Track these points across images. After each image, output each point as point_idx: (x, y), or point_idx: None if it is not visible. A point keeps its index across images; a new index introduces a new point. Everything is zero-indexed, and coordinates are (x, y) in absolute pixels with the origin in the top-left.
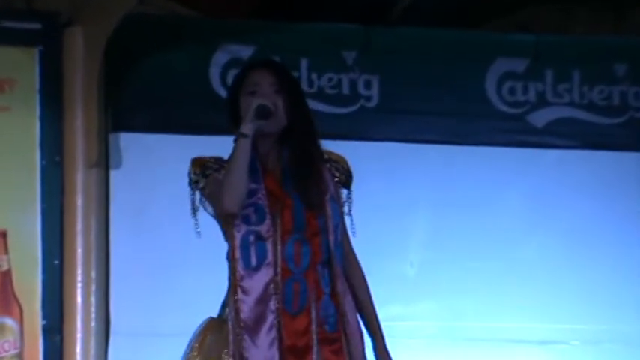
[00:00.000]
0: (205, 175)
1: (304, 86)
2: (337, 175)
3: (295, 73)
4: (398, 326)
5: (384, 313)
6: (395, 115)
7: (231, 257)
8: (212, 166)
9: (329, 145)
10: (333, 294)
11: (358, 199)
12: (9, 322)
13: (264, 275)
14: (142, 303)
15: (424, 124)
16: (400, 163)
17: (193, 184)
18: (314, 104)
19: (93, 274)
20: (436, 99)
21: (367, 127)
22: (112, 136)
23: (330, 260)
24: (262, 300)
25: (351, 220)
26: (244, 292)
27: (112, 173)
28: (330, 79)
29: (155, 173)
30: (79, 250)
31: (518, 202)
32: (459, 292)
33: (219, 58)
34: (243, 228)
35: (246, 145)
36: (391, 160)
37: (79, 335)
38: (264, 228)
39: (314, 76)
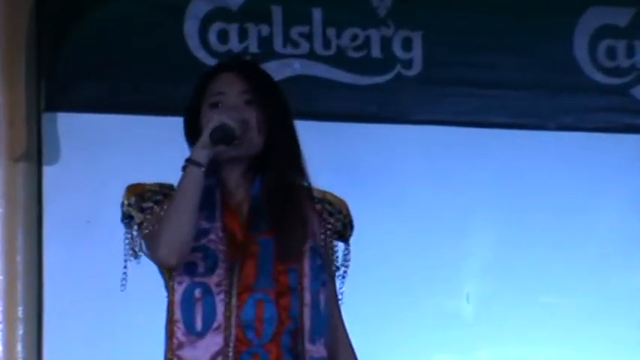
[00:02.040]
0: (142, 209)
1: (318, 47)
2: (330, 220)
3: (305, 29)
4: None
5: None
6: (443, 87)
7: (169, 318)
8: (153, 196)
9: (352, 130)
10: None
11: (394, 207)
12: None
13: (210, 344)
14: (87, 348)
15: (484, 100)
16: (450, 154)
17: (126, 218)
18: (330, 72)
19: (19, 311)
20: (502, 66)
21: (405, 104)
22: (45, 118)
23: (299, 330)
24: None
25: (342, 282)
26: None
27: (46, 169)
28: (355, 37)
29: (105, 167)
30: (1, 278)
31: (620, 210)
32: (531, 337)
33: (198, 7)
34: (187, 279)
35: (196, 176)
36: (438, 150)
37: None
38: (214, 280)
39: (331, 32)
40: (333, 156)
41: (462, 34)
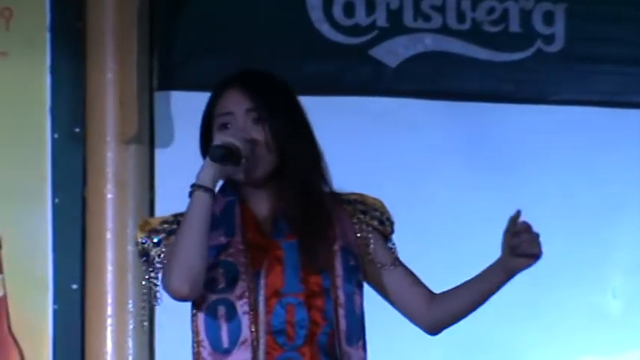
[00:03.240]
0: (157, 244)
1: (451, 21)
2: (364, 219)
3: (437, 2)
4: None
5: None
6: (587, 64)
7: (193, 339)
8: (167, 227)
9: (487, 111)
10: None
11: (532, 195)
12: None
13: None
14: None
15: (632, 79)
16: (594, 138)
17: (143, 256)
18: (464, 48)
19: (130, 304)
20: None
21: (545, 82)
22: (157, 97)
23: (335, 332)
24: None
25: None
26: None
27: (159, 151)
28: (491, 11)
29: None
30: (110, 269)
31: None
32: None
33: None
34: (209, 297)
35: (202, 200)
36: (580, 134)
37: None
38: (237, 293)
39: (465, 5)
40: (466, 138)
41: (608, 7)
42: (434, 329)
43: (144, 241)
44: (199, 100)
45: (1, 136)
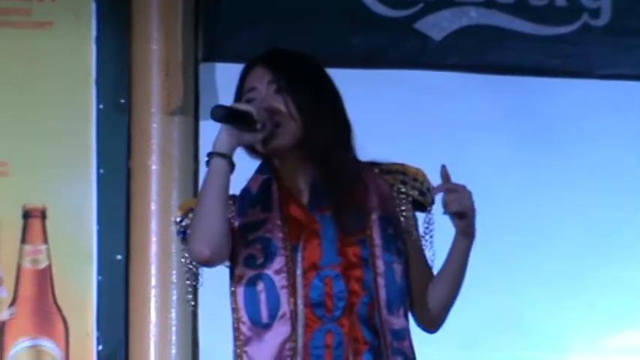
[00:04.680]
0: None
1: None
2: (403, 189)
3: None
4: None
5: None
6: (634, 38)
7: (234, 316)
8: None
9: (533, 86)
10: (379, 349)
11: (578, 170)
12: (47, 346)
13: (277, 333)
14: None
15: None
16: None
17: (179, 234)
18: (510, 22)
19: (173, 276)
20: None
21: (591, 56)
22: (203, 69)
23: (375, 302)
24: None
25: (430, 251)
26: None
27: (203, 123)
28: None
29: None
30: (154, 240)
31: None
32: None
33: None
34: (247, 272)
35: (220, 167)
36: (628, 108)
37: None
38: (274, 267)
39: None
40: (510, 113)
41: None
42: (426, 323)
43: (181, 219)
44: None
45: (47, 107)
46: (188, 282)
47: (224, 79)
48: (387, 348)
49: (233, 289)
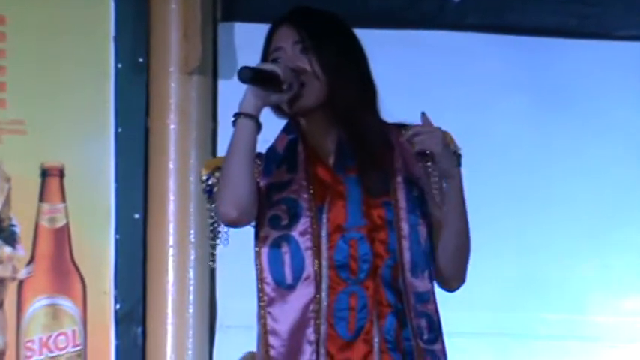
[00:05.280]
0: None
1: None
2: (428, 152)
3: None
4: None
5: None
6: None
7: (258, 276)
8: None
9: (550, 47)
10: (403, 312)
11: (596, 134)
12: (65, 305)
13: (301, 295)
14: None
15: None
16: None
17: (205, 193)
18: None
19: (191, 235)
20: None
21: (610, 18)
22: (221, 28)
23: (399, 264)
24: (298, 329)
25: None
26: (275, 320)
27: (222, 83)
28: None
29: None
30: (172, 199)
31: None
32: None
33: None
34: (272, 233)
35: (246, 127)
36: None
37: (169, 328)
38: (299, 229)
39: None
40: (528, 73)
41: None
42: (441, 280)
43: (207, 177)
44: (262, 31)
45: (66, 66)
46: (212, 242)
47: (242, 39)
48: (410, 310)
49: (257, 249)
